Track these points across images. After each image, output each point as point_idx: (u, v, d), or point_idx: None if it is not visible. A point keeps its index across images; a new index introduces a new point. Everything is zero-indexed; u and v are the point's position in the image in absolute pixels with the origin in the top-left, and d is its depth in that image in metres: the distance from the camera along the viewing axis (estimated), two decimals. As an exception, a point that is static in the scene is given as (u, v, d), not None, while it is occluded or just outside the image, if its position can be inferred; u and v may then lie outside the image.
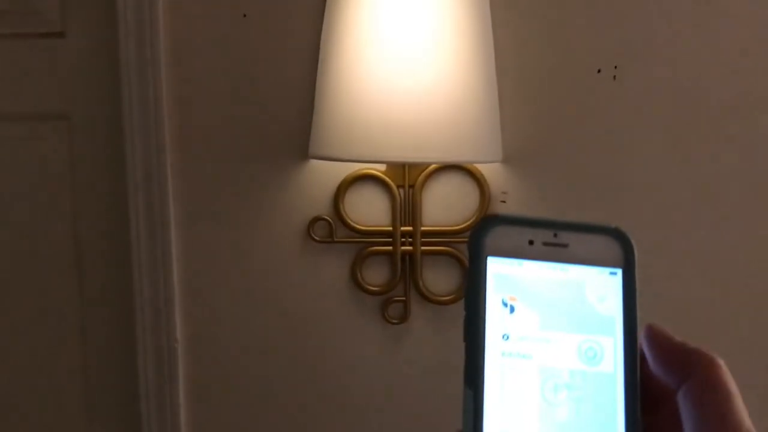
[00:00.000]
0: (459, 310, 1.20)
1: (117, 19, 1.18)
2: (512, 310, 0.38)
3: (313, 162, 1.21)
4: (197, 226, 1.24)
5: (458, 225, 1.21)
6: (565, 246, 0.39)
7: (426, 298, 1.22)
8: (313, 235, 1.22)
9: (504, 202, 1.19)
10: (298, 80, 1.20)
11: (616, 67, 1.17)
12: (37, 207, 1.28)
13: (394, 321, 1.24)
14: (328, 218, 1.22)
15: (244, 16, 1.20)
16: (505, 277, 0.38)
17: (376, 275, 1.23)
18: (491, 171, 1.20)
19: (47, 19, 1.25)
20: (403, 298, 1.23)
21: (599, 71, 1.17)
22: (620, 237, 0.39)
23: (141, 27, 1.18)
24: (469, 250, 0.39)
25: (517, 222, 0.39)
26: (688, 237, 1.19)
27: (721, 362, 0.36)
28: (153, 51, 1.19)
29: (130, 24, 1.18)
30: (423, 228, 1.21)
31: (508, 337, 0.38)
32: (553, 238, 0.39)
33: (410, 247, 1.21)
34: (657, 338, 0.38)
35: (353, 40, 1.06)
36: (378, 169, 1.21)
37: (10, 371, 1.33)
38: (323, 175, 1.21)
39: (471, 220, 1.20)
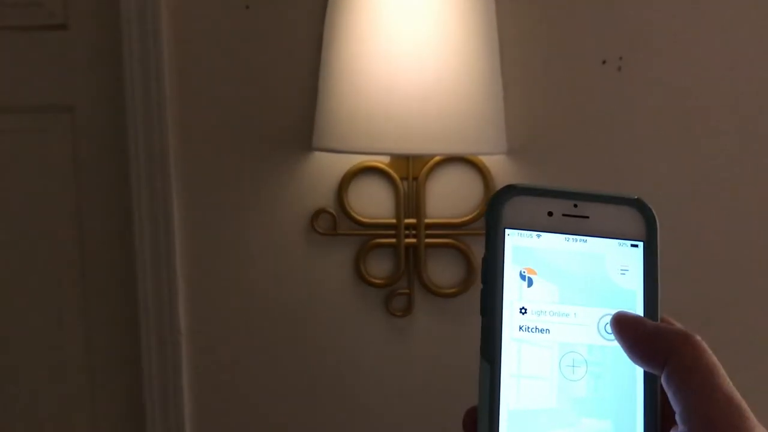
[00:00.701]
0: (463, 302, 1.21)
1: (119, 10, 1.18)
2: (530, 283, 0.37)
3: (317, 154, 1.20)
4: (200, 217, 1.24)
5: (462, 217, 1.20)
6: (585, 217, 0.38)
7: (430, 290, 1.21)
8: (316, 228, 1.21)
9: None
10: (301, 71, 1.19)
11: (621, 58, 1.16)
12: (40, 199, 1.28)
13: (397, 314, 1.23)
14: (331, 211, 1.21)
15: (247, 7, 1.19)
16: (524, 249, 0.38)
17: (379, 268, 1.23)
18: (495, 163, 1.19)
19: (50, 11, 1.24)
20: (407, 291, 1.22)
21: (604, 62, 1.17)
22: (642, 208, 0.38)
23: (143, 19, 1.18)
24: (487, 221, 0.38)
25: (536, 192, 0.38)
26: (695, 230, 1.19)
27: (697, 338, 0.35)
28: (155, 42, 1.18)
29: (132, 16, 1.18)
30: (427, 220, 1.20)
31: (525, 311, 0.37)
32: (572, 209, 0.38)
33: (414, 240, 1.20)
34: (627, 327, 0.36)
35: (357, 30, 1.06)
36: (381, 161, 1.20)
37: (12, 365, 1.32)
38: (326, 167, 1.21)
39: (475, 213, 1.20)
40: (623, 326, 0.37)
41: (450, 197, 1.20)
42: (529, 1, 1.17)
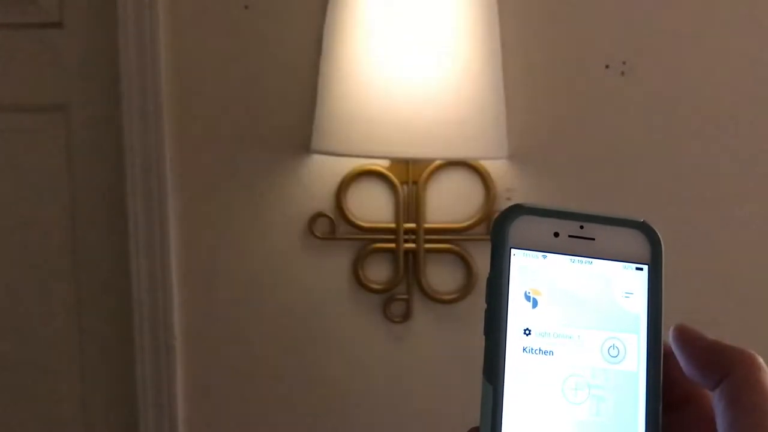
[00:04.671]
0: (463, 309, 1.20)
1: (116, 9, 1.17)
2: (535, 304, 0.37)
3: (315, 157, 1.19)
4: (196, 221, 1.23)
5: (462, 222, 1.19)
6: (591, 239, 0.38)
7: (429, 296, 1.20)
8: (314, 232, 1.20)
9: (509, 199, 1.17)
10: (300, 73, 1.18)
11: (624, 62, 1.15)
12: (34, 199, 1.27)
13: (396, 320, 1.22)
14: (329, 215, 1.20)
15: (246, 7, 1.18)
16: (529, 269, 0.37)
17: (378, 273, 1.21)
18: (496, 167, 1.18)
19: (45, 9, 1.24)
20: (406, 297, 1.21)
21: (607, 67, 1.16)
22: (648, 231, 0.38)
23: (140, 18, 1.17)
24: (492, 241, 0.37)
25: (543, 213, 0.37)
26: (697, 234, 1.18)
27: (761, 360, 0.34)
28: (152, 42, 1.17)
29: (129, 15, 1.17)
30: (426, 225, 1.19)
31: (529, 332, 0.37)
32: (579, 231, 0.37)
33: (413, 245, 1.19)
34: (688, 338, 0.36)
35: (357, 33, 1.05)
36: (381, 165, 1.19)
37: (6, 369, 1.31)
38: (325, 170, 1.20)
39: (476, 218, 1.19)
40: (684, 336, 0.36)
41: (450, 202, 1.19)
42: (531, 6, 1.16)
